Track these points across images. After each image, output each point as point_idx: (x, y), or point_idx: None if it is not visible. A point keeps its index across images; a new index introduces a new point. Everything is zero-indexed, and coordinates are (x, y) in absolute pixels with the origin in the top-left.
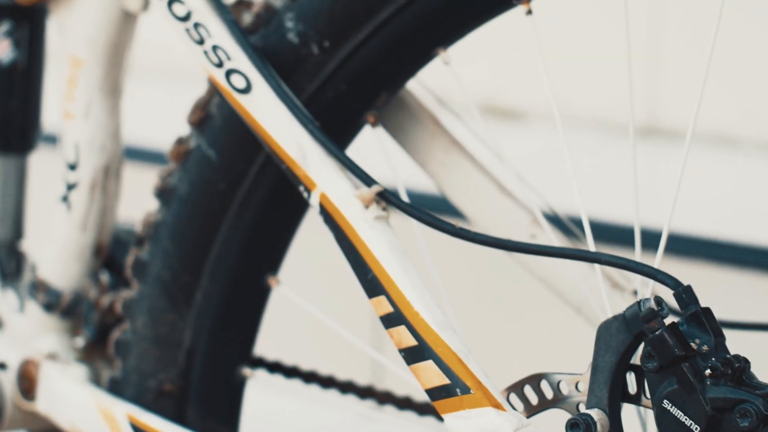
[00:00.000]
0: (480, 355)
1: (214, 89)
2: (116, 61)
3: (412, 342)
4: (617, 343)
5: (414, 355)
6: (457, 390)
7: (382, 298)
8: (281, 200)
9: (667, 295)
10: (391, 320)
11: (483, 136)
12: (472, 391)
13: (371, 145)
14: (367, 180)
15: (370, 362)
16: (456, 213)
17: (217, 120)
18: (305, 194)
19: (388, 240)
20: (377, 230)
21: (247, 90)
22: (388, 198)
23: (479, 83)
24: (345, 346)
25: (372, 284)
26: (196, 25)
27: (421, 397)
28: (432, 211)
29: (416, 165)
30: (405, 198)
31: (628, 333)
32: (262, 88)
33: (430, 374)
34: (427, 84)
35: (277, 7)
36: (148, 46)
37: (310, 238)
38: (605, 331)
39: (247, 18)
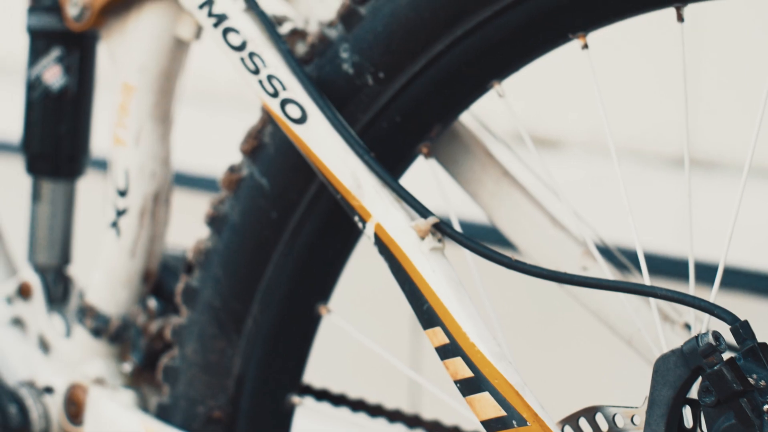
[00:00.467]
0: (533, 386)
1: (266, 118)
2: (167, 88)
3: (468, 373)
4: (674, 377)
5: (470, 386)
6: (514, 422)
7: (438, 330)
8: (333, 229)
9: (722, 328)
10: (447, 352)
11: (535, 168)
12: (528, 424)
13: (421, 174)
14: (423, 211)
15: (408, 388)
16: (506, 243)
17: (270, 149)
18: (360, 224)
19: (443, 271)
20: (433, 261)
21: (302, 120)
22: (443, 229)
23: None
24: (386, 372)
25: (428, 315)
26: (252, 55)
27: (470, 425)
28: (483, 241)
29: (467, 195)
30: (458, 228)
31: (686, 367)
32: (317, 119)
33: (487, 406)
34: (477, 114)
35: (332, 38)
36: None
37: (356, 266)
38: (662, 365)
39: (301, 48)
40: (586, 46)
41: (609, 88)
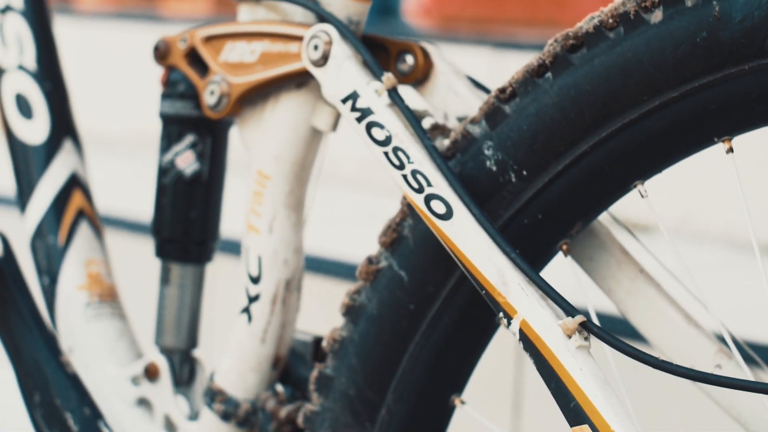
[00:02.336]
0: None
1: (406, 211)
2: (301, 177)
3: None
4: None
5: None
6: None
7: (586, 428)
8: (469, 322)
9: None
10: None
11: (672, 266)
12: None
13: (554, 268)
14: (569, 309)
15: None
16: (641, 339)
17: (410, 242)
18: (505, 320)
19: (590, 370)
20: (580, 360)
21: (448, 216)
22: (590, 328)
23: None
24: None
25: (575, 412)
26: (396, 150)
27: None
28: (625, 338)
29: (601, 291)
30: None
31: None
32: (463, 215)
33: None
34: (613, 210)
35: (475, 135)
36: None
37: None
38: None
39: (442, 143)
40: (731, 150)
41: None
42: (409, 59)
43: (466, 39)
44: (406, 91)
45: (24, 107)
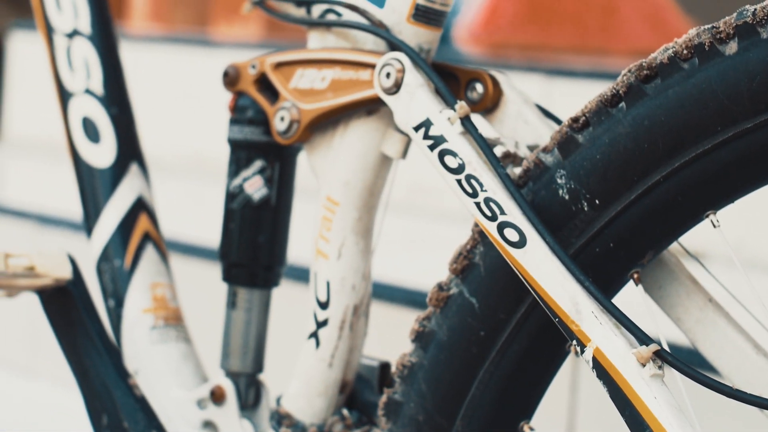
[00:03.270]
0: None
1: (477, 238)
2: (370, 204)
3: None
4: None
5: None
6: None
7: None
8: (540, 349)
9: None
10: None
11: (739, 296)
12: None
13: (624, 297)
14: (643, 338)
15: None
16: (709, 367)
17: (481, 269)
18: (578, 348)
19: (665, 398)
20: (654, 388)
21: (520, 244)
22: (664, 357)
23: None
24: None
25: None
26: (469, 177)
27: None
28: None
29: (670, 320)
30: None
31: None
32: (536, 243)
33: None
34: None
35: (547, 164)
36: None
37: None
38: None
39: (512, 171)
40: None
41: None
42: (479, 87)
43: (516, 66)
44: (476, 119)
45: (91, 131)
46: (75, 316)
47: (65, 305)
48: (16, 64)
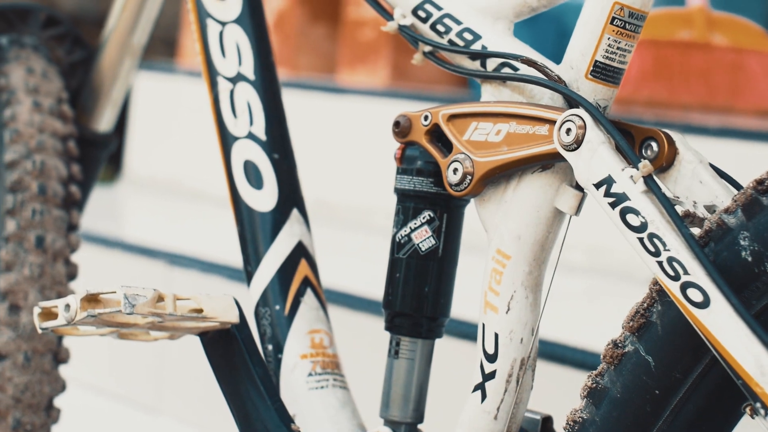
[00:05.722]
0: None
1: (654, 297)
2: (541, 258)
3: None
4: None
5: None
6: None
7: None
8: (715, 409)
9: None
10: None
11: None
12: None
13: None
14: None
15: None
16: None
17: (658, 328)
18: (762, 411)
19: None
20: None
21: (704, 304)
22: None
23: None
24: None
25: None
26: (652, 236)
27: None
28: None
29: None
30: None
31: None
32: (720, 304)
33: None
34: None
35: (730, 225)
36: None
37: None
38: None
39: (692, 230)
40: None
41: None
42: (654, 146)
43: (646, 121)
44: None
45: (252, 175)
46: (238, 360)
47: (228, 349)
48: (138, 104)
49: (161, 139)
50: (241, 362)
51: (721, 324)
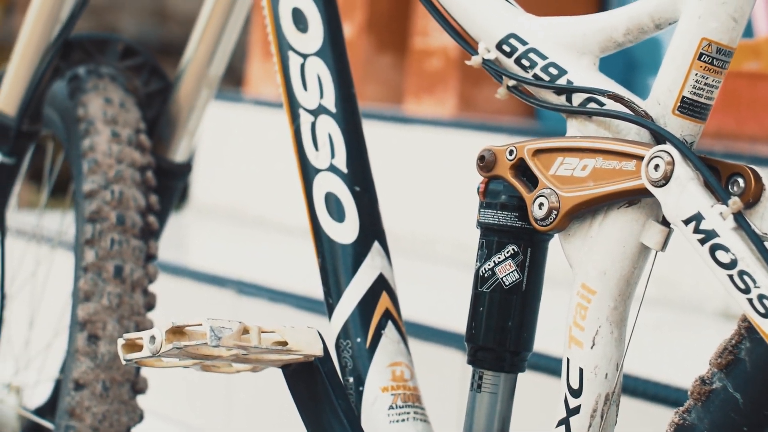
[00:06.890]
0: None
1: (742, 333)
2: (626, 293)
3: None
4: None
5: None
6: None
7: None
8: None
9: None
10: None
11: None
12: None
13: None
14: None
15: None
16: None
17: (746, 365)
18: None
19: None
20: None
21: None
22: None
23: None
24: None
25: None
26: (742, 273)
27: None
28: None
29: None
30: None
31: None
32: None
33: None
34: None
35: None
36: None
37: None
38: None
39: None
40: None
41: None
42: (741, 182)
43: (716, 153)
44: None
45: (333, 207)
46: (322, 393)
47: (311, 381)
48: (205, 133)
49: (227, 167)
50: (324, 395)
51: None
